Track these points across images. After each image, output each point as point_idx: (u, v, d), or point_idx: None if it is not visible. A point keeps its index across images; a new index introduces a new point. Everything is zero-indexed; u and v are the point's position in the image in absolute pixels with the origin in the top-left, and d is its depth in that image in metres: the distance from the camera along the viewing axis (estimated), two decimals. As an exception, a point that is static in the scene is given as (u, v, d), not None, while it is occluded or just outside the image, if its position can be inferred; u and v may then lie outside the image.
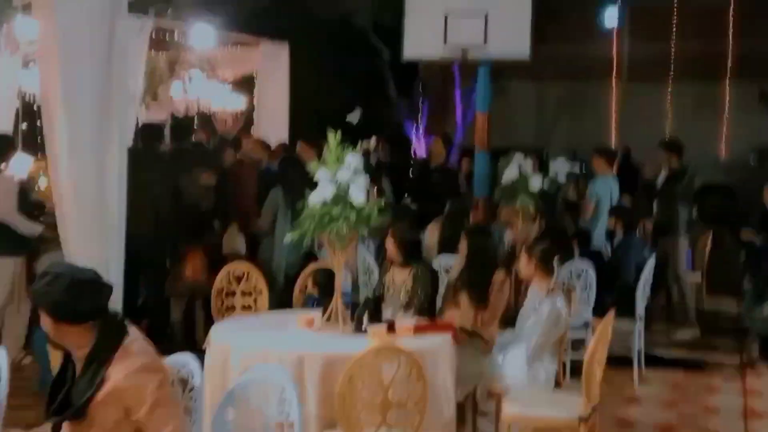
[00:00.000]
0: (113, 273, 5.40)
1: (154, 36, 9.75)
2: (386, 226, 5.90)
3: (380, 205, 4.94)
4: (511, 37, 10.72)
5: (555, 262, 5.20)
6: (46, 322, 3.11)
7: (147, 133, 7.83)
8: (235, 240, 8.08)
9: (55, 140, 5.26)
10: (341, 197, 4.85)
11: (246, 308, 5.94)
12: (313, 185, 4.82)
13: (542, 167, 10.86)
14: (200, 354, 3.86)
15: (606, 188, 9.21)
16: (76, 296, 3.05)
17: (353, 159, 4.89)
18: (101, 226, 5.45)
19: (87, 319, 3.10)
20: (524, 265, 5.32)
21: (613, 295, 7.33)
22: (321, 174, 4.88)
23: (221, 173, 8.77)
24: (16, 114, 8.38)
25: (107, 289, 3.14)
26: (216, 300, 5.87)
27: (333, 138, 4.90)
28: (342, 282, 5.06)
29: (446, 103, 18.75)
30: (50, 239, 6.25)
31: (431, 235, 7.90)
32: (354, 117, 10.54)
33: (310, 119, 10.98)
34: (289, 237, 4.89)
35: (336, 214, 4.80)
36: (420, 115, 18.45)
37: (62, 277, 3.06)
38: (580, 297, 6.76)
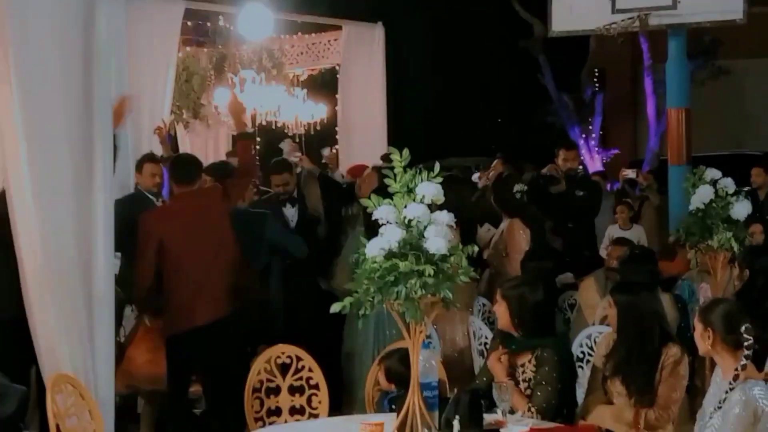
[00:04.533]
0: (102, 358, 5.56)
1: (190, 25, 10.08)
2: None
3: (471, 252, 4.83)
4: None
5: (746, 331, 4.92)
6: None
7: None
8: None
9: (14, 180, 5.46)
10: (412, 245, 4.78)
11: (297, 411, 5.94)
12: None
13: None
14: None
15: None
16: None
17: (429, 188, 4.82)
18: (84, 298, 5.62)
19: None
20: (699, 338, 5.07)
21: None
22: (382, 212, 4.84)
23: None
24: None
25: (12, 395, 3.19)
26: (251, 400, 5.91)
27: (398, 158, 4.85)
28: (422, 369, 4.97)
29: (633, 96, 18.44)
30: None
31: (587, 294, 7.72)
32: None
33: (420, 128, 11.00)
34: (336, 306, 4.85)
35: (404, 270, 4.73)
36: (592, 115, 18.19)
37: None
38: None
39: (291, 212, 8.79)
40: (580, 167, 11.36)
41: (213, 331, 6.83)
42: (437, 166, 4.89)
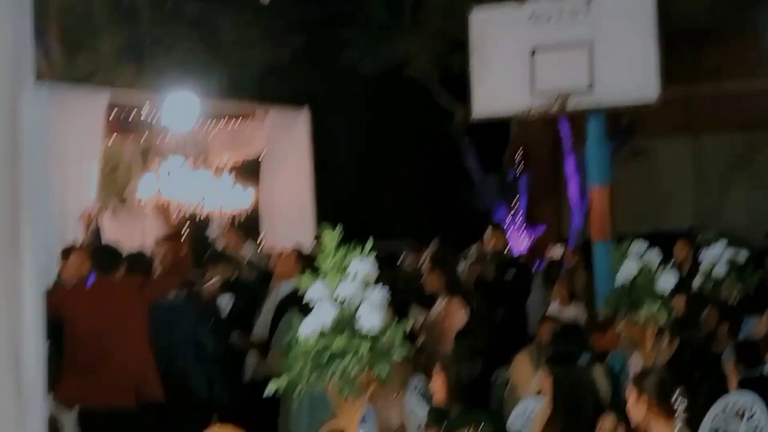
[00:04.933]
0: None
1: (115, 115, 10.09)
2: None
3: (405, 329, 4.87)
4: (630, 73, 10.74)
5: (679, 398, 4.99)
6: None
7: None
8: None
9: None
10: (346, 323, 4.80)
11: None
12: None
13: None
14: None
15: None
16: None
17: (361, 265, 4.86)
18: (14, 390, 5.47)
19: None
20: (633, 406, 5.14)
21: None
22: (315, 291, 4.86)
23: None
24: None
25: None
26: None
27: (329, 237, 4.89)
28: (361, 450, 4.95)
29: (555, 176, 18.69)
30: None
31: (520, 369, 7.74)
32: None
33: (347, 212, 11.04)
34: (272, 386, 4.82)
35: (339, 348, 4.74)
36: (516, 196, 18.41)
37: None
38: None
39: (225, 300, 8.83)
40: (508, 248, 11.46)
41: (115, 421, 6.82)
42: (370, 243, 4.94)
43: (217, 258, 9.30)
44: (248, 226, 11.37)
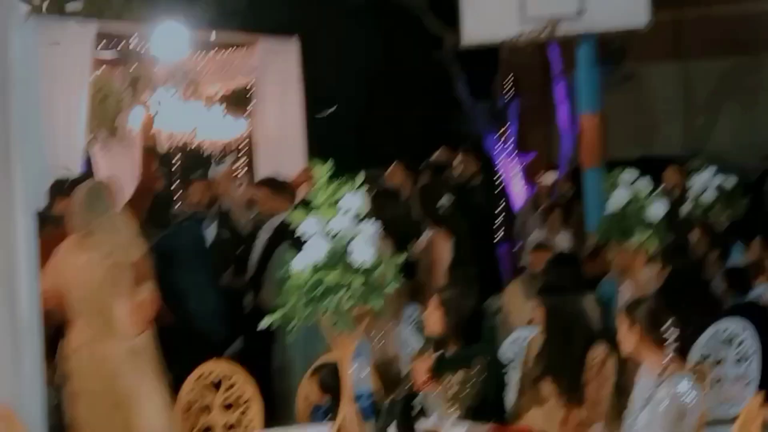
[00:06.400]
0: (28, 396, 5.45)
1: (103, 45, 10.00)
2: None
3: (398, 262, 4.87)
4: (619, -2, 10.71)
5: (670, 326, 5.03)
6: None
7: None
8: None
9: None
10: (339, 257, 4.79)
11: (230, 429, 5.88)
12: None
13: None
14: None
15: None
16: None
17: (353, 200, 4.84)
18: (8, 326, 5.49)
19: None
20: (625, 335, 5.18)
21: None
22: (307, 225, 4.85)
23: None
24: None
25: None
26: (184, 421, 5.85)
27: (321, 170, 4.87)
28: (356, 379, 4.99)
29: (545, 103, 18.62)
30: None
31: (512, 299, 7.79)
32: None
33: (339, 141, 11.02)
34: (267, 321, 4.84)
35: (332, 282, 4.74)
36: (506, 123, 18.34)
37: None
38: (734, 374, 6.53)
39: (209, 230, 8.80)
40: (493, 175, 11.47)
41: None
42: (360, 177, 4.91)
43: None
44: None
